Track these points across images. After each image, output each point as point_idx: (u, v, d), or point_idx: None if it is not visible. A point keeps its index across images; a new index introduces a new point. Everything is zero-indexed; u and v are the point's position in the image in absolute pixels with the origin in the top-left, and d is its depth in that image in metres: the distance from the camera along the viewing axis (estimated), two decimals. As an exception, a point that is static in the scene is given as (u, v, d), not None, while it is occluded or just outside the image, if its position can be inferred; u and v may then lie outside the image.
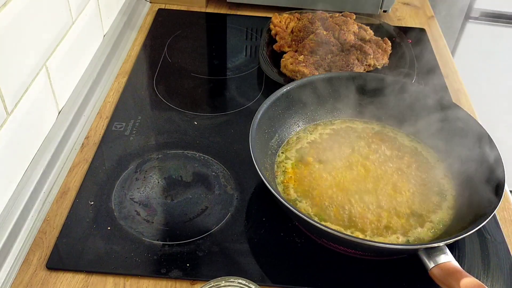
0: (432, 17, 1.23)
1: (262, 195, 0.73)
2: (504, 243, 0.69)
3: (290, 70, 0.93)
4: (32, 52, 0.71)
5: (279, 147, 0.78)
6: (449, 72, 1.04)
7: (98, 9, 0.96)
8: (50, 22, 0.76)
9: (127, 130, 0.83)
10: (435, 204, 0.70)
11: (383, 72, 0.97)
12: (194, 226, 0.68)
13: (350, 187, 0.71)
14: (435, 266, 0.58)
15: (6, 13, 0.63)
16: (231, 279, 0.51)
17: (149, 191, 0.73)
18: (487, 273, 0.65)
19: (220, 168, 0.77)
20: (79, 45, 0.87)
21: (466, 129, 0.74)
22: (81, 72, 0.90)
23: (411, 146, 0.80)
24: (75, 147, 0.80)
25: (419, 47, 1.07)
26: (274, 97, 0.77)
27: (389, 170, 0.74)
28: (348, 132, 0.81)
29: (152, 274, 0.62)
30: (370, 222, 0.67)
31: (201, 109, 0.89)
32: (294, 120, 0.81)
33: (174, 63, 1.00)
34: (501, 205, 0.74)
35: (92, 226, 0.67)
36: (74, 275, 0.62)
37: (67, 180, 0.74)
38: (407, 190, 0.72)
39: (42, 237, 0.66)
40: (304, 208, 0.69)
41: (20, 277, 0.62)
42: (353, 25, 1.01)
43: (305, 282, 0.62)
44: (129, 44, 1.05)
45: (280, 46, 1.01)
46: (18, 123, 0.68)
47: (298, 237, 0.67)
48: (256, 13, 1.18)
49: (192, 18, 1.15)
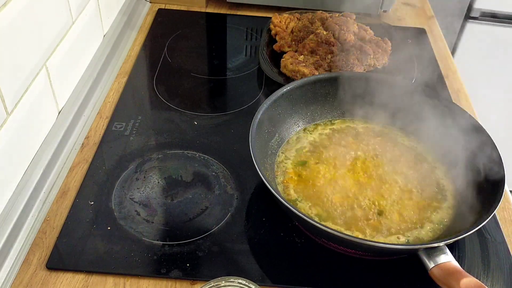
0: (432, 17, 1.23)
1: (262, 195, 0.73)
2: (504, 243, 0.69)
3: (290, 70, 0.93)
4: (32, 52, 0.71)
5: (279, 147, 0.78)
6: (449, 72, 1.04)
7: (98, 9, 0.96)
8: (50, 22, 0.76)
9: (127, 130, 0.83)
10: (435, 204, 0.70)
11: (383, 72, 0.97)
12: (194, 226, 0.68)
13: (350, 187, 0.71)
14: (435, 266, 0.58)
15: (6, 13, 0.63)
16: (231, 279, 0.51)
17: (149, 191, 0.73)
18: (487, 273, 0.65)
19: (220, 168, 0.77)
20: (79, 45, 0.87)
21: (466, 129, 0.74)
22: (81, 72, 0.90)
23: (411, 146, 0.80)
24: (75, 147, 0.80)
25: (419, 47, 1.07)
26: (274, 97, 0.77)
27: (389, 170, 0.74)
28: (348, 132, 0.81)
29: (152, 274, 0.62)
30: (370, 222, 0.67)
31: (201, 109, 0.89)
32: (294, 120, 0.81)
33: (174, 63, 1.00)
34: (501, 205, 0.74)
35: (92, 226, 0.67)
36: (74, 275, 0.62)
37: (67, 180, 0.74)
38: (407, 190, 0.72)
39: (42, 237, 0.66)
40: (304, 208, 0.69)
41: (20, 277, 0.62)
42: (353, 25, 1.01)
43: (305, 282, 0.62)
44: (129, 44, 1.05)
45: (280, 46, 1.01)
46: (18, 123, 0.68)
47: (298, 237, 0.67)
48: (256, 13, 1.18)
49: (192, 18, 1.15)
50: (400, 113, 0.81)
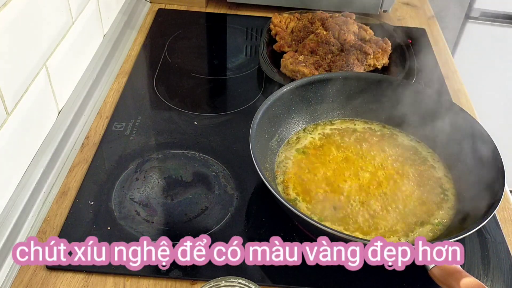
0: (432, 17, 1.23)
1: (262, 195, 0.73)
2: (504, 243, 0.69)
3: (290, 70, 0.93)
4: (32, 52, 0.71)
5: (279, 147, 0.78)
6: (449, 72, 1.04)
7: (98, 9, 0.96)
8: (50, 22, 0.76)
9: (127, 130, 0.83)
10: (435, 204, 0.70)
11: (383, 72, 0.97)
12: (194, 226, 0.68)
13: (350, 187, 0.71)
14: (435, 266, 0.58)
15: (6, 13, 0.63)
16: (231, 279, 0.51)
17: (149, 191, 0.73)
18: (487, 273, 0.65)
19: (220, 168, 0.77)
20: (79, 45, 0.87)
21: (466, 129, 0.74)
22: (81, 72, 0.90)
23: (411, 146, 0.80)
24: (75, 147, 0.80)
25: (419, 47, 1.07)
26: (274, 97, 0.77)
27: (389, 170, 0.74)
28: (348, 132, 0.81)
29: (152, 274, 0.62)
30: (369, 222, 0.67)
31: (201, 109, 0.89)
32: (294, 120, 0.81)
33: (174, 63, 1.00)
34: (501, 205, 0.74)
35: (92, 226, 0.67)
36: (74, 275, 0.62)
37: (67, 180, 0.74)
38: (407, 190, 0.72)
39: (42, 237, 0.66)
40: (304, 208, 0.69)
41: (20, 277, 0.62)
42: (353, 25, 1.01)
43: (305, 282, 0.62)
44: (129, 44, 1.05)
45: (280, 46, 1.01)
46: (18, 123, 0.68)
47: (298, 237, 0.67)
48: (256, 13, 1.18)
49: (192, 18, 1.15)
50: (400, 113, 0.81)
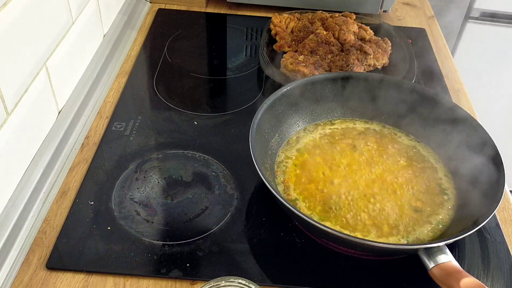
0: (432, 17, 1.23)
1: (262, 195, 0.73)
2: (504, 243, 0.69)
3: (290, 70, 0.93)
4: (32, 52, 0.71)
5: (279, 147, 0.78)
6: (449, 72, 1.04)
7: (98, 9, 0.96)
8: (50, 22, 0.76)
9: (127, 130, 0.83)
10: (435, 204, 0.70)
11: (383, 72, 0.97)
12: (194, 226, 0.68)
13: (350, 187, 0.71)
14: (435, 266, 0.58)
15: (6, 13, 0.63)
16: (231, 279, 0.51)
17: (149, 191, 0.73)
18: (487, 273, 0.65)
19: (220, 168, 0.77)
20: (79, 45, 0.87)
21: (466, 129, 0.74)
22: (81, 72, 0.90)
23: (411, 146, 0.80)
24: (75, 147, 0.80)
25: (419, 47, 1.07)
26: (274, 97, 0.77)
27: (390, 170, 0.74)
28: (348, 132, 0.81)
29: (152, 274, 0.62)
30: (369, 222, 0.67)
31: (201, 109, 0.89)
32: (294, 120, 0.81)
33: (174, 63, 1.00)
34: (501, 205, 0.75)
35: (92, 226, 0.67)
36: (74, 275, 0.62)
37: (67, 180, 0.74)
38: (407, 190, 0.72)
39: (42, 237, 0.66)
40: (304, 208, 0.69)
41: (20, 277, 0.62)
42: (353, 25, 1.01)
43: (305, 282, 0.62)
44: (129, 44, 1.05)
45: (280, 46, 1.01)
46: (18, 123, 0.68)
47: (298, 237, 0.67)
48: (256, 13, 1.18)
49: (192, 18, 1.15)
50: (400, 113, 0.81)
